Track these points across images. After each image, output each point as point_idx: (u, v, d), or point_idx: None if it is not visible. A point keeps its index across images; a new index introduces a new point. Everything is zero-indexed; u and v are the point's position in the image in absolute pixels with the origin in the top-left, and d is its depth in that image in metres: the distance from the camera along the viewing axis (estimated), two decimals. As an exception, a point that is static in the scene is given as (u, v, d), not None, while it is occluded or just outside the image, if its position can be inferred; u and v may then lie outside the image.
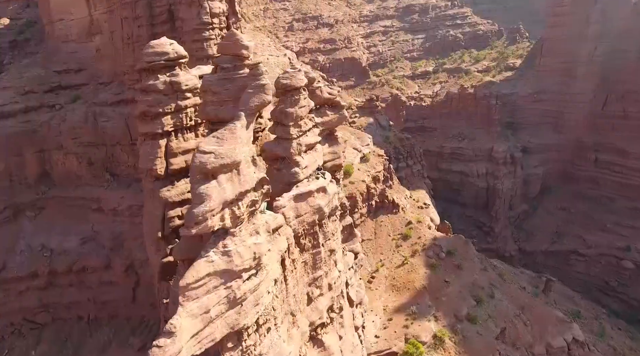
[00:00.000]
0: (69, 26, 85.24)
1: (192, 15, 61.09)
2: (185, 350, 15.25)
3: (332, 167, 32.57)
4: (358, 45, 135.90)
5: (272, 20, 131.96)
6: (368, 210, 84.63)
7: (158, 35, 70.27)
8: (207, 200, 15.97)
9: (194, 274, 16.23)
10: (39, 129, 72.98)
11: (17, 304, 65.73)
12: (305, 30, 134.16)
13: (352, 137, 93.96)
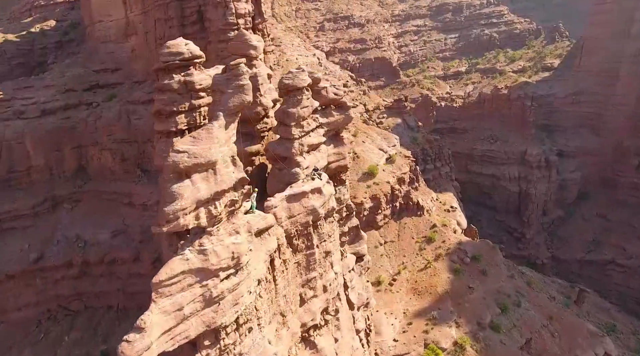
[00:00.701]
0: (107, 27, 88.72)
1: (218, 16, 62.20)
2: (157, 345, 15.61)
3: (336, 168, 32.36)
4: (389, 45, 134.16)
5: (304, 20, 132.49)
6: (392, 212, 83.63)
7: (188, 35, 72.11)
8: (178, 199, 16.28)
9: (167, 271, 16.60)
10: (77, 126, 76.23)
11: (53, 292, 68.75)
12: (336, 30, 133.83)
13: (379, 137, 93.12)
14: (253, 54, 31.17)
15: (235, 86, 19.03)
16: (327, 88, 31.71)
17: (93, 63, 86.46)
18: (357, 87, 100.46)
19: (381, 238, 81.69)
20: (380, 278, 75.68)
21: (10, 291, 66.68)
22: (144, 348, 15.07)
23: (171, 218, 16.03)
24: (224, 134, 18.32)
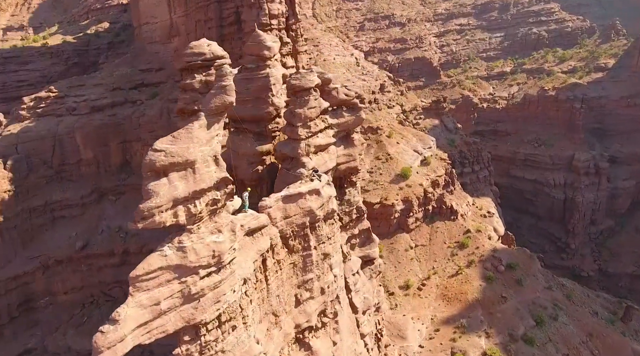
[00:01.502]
0: (153, 29, 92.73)
1: (253, 17, 63.38)
2: (132, 338, 16.21)
3: (346, 169, 32.03)
4: (430, 44, 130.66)
5: (344, 20, 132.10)
6: (424, 215, 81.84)
7: (226, 36, 74.41)
8: (154, 197, 16.75)
9: (145, 266, 17.17)
10: (122, 122, 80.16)
11: (97, 278, 72.59)
12: (376, 30, 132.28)
13: (414, 139, 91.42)
14: (267, 54, 31.56)
15: (218, 86, 19.35)
16: (338, 89, 31.43)
17: (139, 63, 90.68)
18: (394, 88, 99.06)
19: (412, 241, 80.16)
20: (409, 281, 74.34)
21: (59, 276, 70.79)
22: (117, 340, 15.76)
23: (146, 215, 16.58)
24: (205, 134, 18.66)
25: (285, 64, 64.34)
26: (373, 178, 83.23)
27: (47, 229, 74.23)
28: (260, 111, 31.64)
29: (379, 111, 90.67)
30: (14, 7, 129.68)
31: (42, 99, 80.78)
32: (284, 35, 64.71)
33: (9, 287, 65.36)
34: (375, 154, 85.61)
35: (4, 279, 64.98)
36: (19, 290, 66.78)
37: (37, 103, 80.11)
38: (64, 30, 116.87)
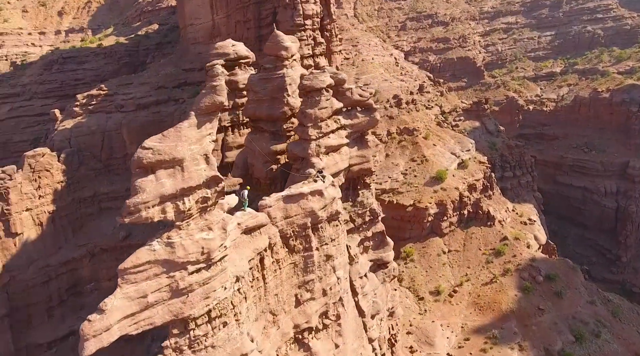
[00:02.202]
0: (196, 30, 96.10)
1: (287, 17, 64.11)
2: (118, 328, 16.95)
3: (359, 171, 31.64)
4: (474, 44, 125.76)
5: (385, 20, 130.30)
6: (459, 220, 79.50)
7: (263, 36, 75.68)
8: (140, 193, 17.38)
9: (133, 260, 17.88)
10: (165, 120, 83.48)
11: (137, 267, 75.71)
12: (418, 29, 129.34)
13: (452, 141, 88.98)
14: (284, 54, 31.83)
15: (208, 86, 19.74)
16: (352, 89, 31.10)
17: (183, 62, 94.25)
18: (434, 88, 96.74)
19: (445, 246, 78.10)
20: (440, 287, 72.50)
21: (104, 263, 74.66)
22: (103, 329, 16.57)
23: (132, 210, 17.27)
24: (195, 133, 19.10)
25: (317, 64, 64.66)
26: (407, 179, 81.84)
27: (94, 219, 78.71)
28: (275, 110, 32.02)
29: (417, 112, 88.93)
30: (76, 10, 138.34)
31: (93, 97, 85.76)
32: (318, 36, 64.99)
33: (59, 272, 69.56)
34: (410, 156, 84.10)
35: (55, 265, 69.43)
36: (68, 275, 70.95)
37: (89, 100, 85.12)
38: (117, 32, 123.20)
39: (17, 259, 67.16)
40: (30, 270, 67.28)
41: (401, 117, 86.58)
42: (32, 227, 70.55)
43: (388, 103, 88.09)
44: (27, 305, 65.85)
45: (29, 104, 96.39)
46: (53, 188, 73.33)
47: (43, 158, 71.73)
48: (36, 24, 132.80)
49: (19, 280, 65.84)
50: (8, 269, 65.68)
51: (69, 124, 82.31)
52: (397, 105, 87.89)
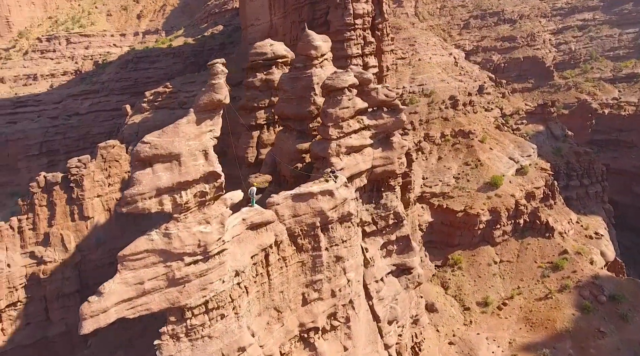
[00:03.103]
0: (256, 30, 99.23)
1: (338, 17, 64.17)
2: (115, 311, 18.07)
3: (383, 173, 30.82)
4: (544, 42, 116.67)
5: (448, 18, 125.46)
6: (513, 229, 75.09)
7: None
8: (137, 184, 18.29)
9: (132, 248, 18.86)
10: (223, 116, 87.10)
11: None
12: (482, 28, 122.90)
13: (511, 145, 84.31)
14: (313, 54, 31.96)
15: (209, 84, 20.29)
16: (378, 89, 30.34)
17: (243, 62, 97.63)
18: (495, 89, 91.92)
19: (497, 255, 74.14)
20: (489, 299, 68.99)
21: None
22: (100, 311, 17.79)
23: (129, 200, 18.28)
24: (193, 129, 19.75)
25: (367, 63, 64.11)
26: (459, 184, 78.74)
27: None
28: (302, 109, 32.28)
29: (474, 114, 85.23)
30: (153, 13, 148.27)
31: (159, 94, 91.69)
32: (368, 35, 64.36)
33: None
34: (464, 160, 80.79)
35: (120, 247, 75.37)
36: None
37: (155, 97, 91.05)
38: (186, 33, 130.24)
39: (88, 241, 73.62)
40: (99, 251, 73.42)
41: (457, 119, 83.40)
42: (102, 212, 77.05)
43: (443, 104, 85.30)
44: (95, 284, 72.11)
45: (107, 99, 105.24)
46: (121, 177, 79.43)
47: (113, 149, 78.11)
48: (118, 27, 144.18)
49: (89, 260, 72.03)
50: (80, 249, 72.20)
51: (138, 118, 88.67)
52: (453, 106, 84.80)
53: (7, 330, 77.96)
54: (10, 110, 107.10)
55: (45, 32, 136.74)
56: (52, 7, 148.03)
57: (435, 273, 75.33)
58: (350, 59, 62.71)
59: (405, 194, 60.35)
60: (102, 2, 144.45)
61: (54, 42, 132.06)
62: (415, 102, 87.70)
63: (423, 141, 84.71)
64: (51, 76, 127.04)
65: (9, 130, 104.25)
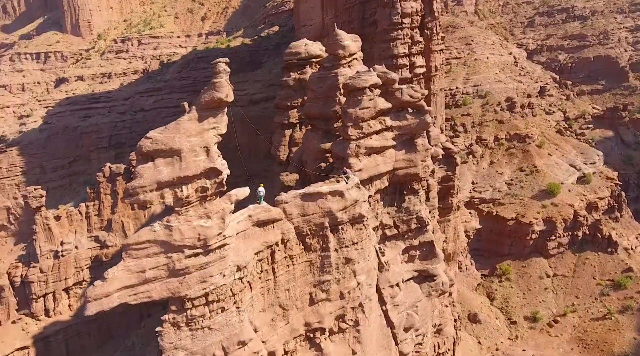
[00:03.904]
0: (308, 30, 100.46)
1: (385, 16, 63.16)
2: (118, 296, 19.07)
3: (405, 175, 29.72)
4: (619, 41, 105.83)
5: (510, 16, 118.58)
6: (570, 241, 69.97)
7: (366, 36, 75.82)
8: (138, 177, 19.04)
9: (135, 237, 19.73)
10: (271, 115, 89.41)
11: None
12: (547, 26, 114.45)
13: (573, 151, 78.67)
14: (341, 53, 31.69)
15: (211, 83, 20.67)
16: (403, 89, 29.29)
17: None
18: (558, 91, 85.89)
19: (550, 268, 69.46)
20: (538, 314, 64.88)
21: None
22: (103, 294, 18.88)
23: (131, 192, 19.14)
24: (195, 127, 20.23)
25: (414, 63, 62.48)
26: (511, 190, 74.68)
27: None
28: (327, 109, 32.15)
29: (533, 117, 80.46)
30: (216, 15, 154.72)
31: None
32: (417, 34, 62.67)
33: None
34: (518, 165, 76.47)
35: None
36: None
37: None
38: (245, 34, 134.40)
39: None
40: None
41: (513, 122, 79.15)
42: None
43: (499, 106, 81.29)
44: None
45: (169, 97, 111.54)
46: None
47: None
48: (184, 28, 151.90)
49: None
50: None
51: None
52: (510, 108, 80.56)
53: (73, 306, 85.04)
54: (86, 105, 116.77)
55: (120, 34, 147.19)
56: (127, 11, 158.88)
57: (481, 282, 72.07)
58: (396, 59, 61.50)
59: (448, 198, 58.32)
60: (170, 5, 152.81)
61: (127, 43, 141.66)
62: (468, 104, 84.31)
63: (475, 144, 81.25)
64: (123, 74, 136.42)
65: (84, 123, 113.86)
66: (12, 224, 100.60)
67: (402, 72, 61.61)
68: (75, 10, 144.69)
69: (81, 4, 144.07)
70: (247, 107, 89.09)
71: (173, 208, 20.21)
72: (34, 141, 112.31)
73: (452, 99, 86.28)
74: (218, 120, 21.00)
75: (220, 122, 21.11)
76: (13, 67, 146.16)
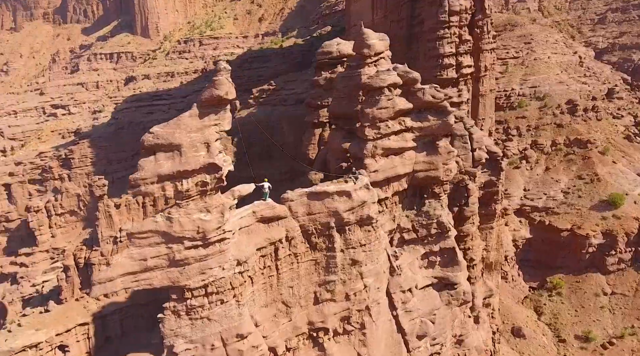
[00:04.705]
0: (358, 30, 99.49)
1: (432, 14, 61.37)
2: (121, 281, 20.06)
3: (425, 178, 28.43)
4: None
5: (579, 12, 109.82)
6: (633, 258, 64.02)
7: (414, 35, 74.48)
8: (140, 170, 19.78)
9: (139, 226, 20.56)
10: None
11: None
12: (621, 22, 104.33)
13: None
14: (366, 52, 31.08)
15: (212, 80, 20.95)
16: (425, 89, 27.97)
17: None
18: (629, 94, 78.68)
19: (608, 286, 63.98)
20: (591, 334, 60.05)
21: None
22: (107, 279, 19.97)
23: (133, 184, 19.96)
24: (195, 123, 20.66)
25: (460, 63, 60.03)
26: (568, 199, 69.69)
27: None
28: (350, 109, 31.74)
29: (597, 121, 74.68)
30: (272, 16, 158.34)
31: (264, 91, 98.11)
32: (465, 33, 60.16)
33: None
34: (577, 172, 71.19)
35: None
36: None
37: (260, 94, 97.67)
38: (298, 34, 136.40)
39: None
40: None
41: (574, 126, 73.93)
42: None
43: (558, 109, 76.25)
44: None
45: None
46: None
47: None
48: (242, 29, 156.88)
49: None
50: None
51: (243, 113, 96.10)
52: (571, 112, 75.34)
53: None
54: (149, 102, 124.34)
55: (183, 35, 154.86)
56: (191, 13, 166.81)
57: (529, 295, 68.00)
58: (442, 59, 59.49)
59: (491, 204, 55.36)
60: (230, 7, 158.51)
61: (189, 44, 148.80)
62: (524, 106, 79.76)
63: (529, 148, 76.71)
64: (185, 73, 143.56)
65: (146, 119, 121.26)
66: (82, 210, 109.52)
67: (447, 72, 59.50)
68: (144, 13, 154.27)
69: (150, 8, 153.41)
70: (295, 106, 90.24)
71: (174, 201, 21.05)
72: (103, 135, 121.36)
73: (507, 100, 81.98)
74: (220, 117, 21.55)
75: (222, 120, 21.65)
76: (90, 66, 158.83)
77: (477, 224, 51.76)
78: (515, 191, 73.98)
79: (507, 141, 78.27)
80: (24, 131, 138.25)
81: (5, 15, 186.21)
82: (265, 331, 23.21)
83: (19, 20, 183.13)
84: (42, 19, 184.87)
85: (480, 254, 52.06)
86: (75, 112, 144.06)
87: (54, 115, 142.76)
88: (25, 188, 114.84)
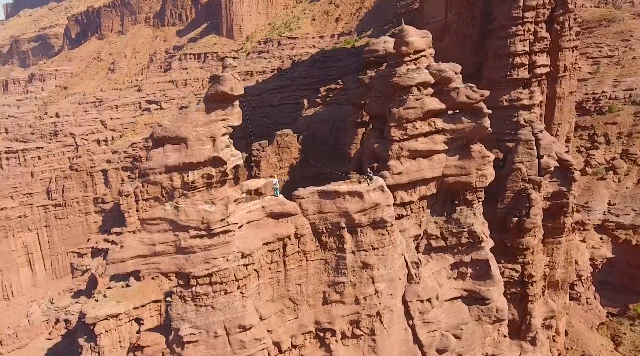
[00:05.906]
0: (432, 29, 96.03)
1: (504, 11, 57.21)
2: (132, 263, 21.18)
3: (455, 183, 26.11)
4: None
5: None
6: None
7: (487, 33, 70.29)
8: (149, 160, 20.53)
9: (149, 213, 21.42)
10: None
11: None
12: None
13: None
14: (404, 50, 29.56)
15: (218, 76, 21.06)
16: (460, 89, 25.67)
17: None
18: None
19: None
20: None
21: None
22: (119, 260, 21.20)
23: (142, 173, 20.87)
24: (202, 117, 20.91)
25: (534, 62, 55.11)
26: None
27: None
28: (384, 108, 30.54)
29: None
30: (349, 16, 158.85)
31: (331, 90, 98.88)
32: (541, 30, 55.12)
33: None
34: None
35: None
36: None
37: (327, 93, 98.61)
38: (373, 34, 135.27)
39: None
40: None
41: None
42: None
43: (656, 115, 67.33)
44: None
45: (293, 94, 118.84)
46: (290, 162, 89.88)
47: (287, 138, 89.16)
48: (319, 29, 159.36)
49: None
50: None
51: (310, 111, 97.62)
52: (671, 118, 66.10)
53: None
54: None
55: (264, 36, 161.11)
56: (272, 15, 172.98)
57: (606, 321, 60.99)
58: (513, 57, 55.27)
59: (559, 217, 50.37)
60: (309, 8, 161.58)
61: (269, 44, 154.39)
62: (615, 110, 71.45)
63: (619, 158, 68.57)
64: (262, 72, 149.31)
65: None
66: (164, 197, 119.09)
67: (518, 72, 55.09)
68: (230, 16, 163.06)
69: (235, 10, 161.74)
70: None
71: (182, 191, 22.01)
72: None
73: (596, 104, 73.84)
74: (228, 112, 22.06)
75: (230, 115, 22.15)
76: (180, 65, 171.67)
77: (539, 238, 47.54)
78: (597, 204, 66.73)
79: (591, 148, 70.75)
80: (123, 123, 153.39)
81: (115, 20, 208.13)
82: (271, 326, 23.40)
83: (125, 24, 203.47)
84: (144, 23, 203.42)
85: (542, 271, 47.72)
86: (165, 108, 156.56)
87: (147, 109, 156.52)
88: (119, 174, 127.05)
